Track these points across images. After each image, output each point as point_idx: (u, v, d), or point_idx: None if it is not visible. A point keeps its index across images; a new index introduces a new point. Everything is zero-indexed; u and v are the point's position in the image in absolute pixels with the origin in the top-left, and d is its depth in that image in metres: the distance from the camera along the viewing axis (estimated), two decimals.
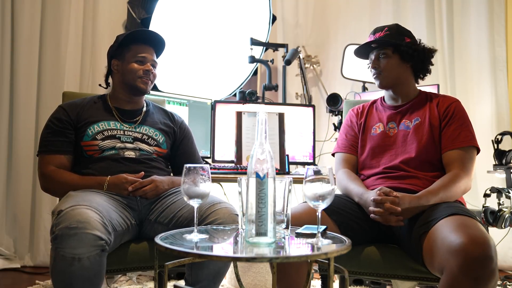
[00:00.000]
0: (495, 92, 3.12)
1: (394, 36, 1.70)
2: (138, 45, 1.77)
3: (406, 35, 1.72)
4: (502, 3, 3.19)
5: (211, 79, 3.20)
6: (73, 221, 1.29)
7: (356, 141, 1.81)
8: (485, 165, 2.76)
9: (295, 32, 3.50)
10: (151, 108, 1.87)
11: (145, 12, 2.99)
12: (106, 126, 1.72)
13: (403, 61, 1.70)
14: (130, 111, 1.80)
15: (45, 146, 1.70)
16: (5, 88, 2.90)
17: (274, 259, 0.99)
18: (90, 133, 1.69)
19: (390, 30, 1.71)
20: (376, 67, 1.72)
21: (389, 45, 1.69)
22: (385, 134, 1.72)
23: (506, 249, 2.94)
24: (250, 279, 2.36)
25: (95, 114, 1.74)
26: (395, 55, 1.69)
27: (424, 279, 1.47)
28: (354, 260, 1.50)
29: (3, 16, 2.89)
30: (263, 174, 1.05)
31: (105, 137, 1.70)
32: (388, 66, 1.70)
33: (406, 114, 1.72)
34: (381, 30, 1.72)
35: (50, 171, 1.66)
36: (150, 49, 1.79)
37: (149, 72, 1.76)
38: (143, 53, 1.76)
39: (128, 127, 1.76)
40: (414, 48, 1.69)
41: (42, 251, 2.86)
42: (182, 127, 1.90)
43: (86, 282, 1.31)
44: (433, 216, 1.41)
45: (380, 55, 1.71)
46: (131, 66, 1.75)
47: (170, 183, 1.72)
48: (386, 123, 1.74)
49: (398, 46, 1.68)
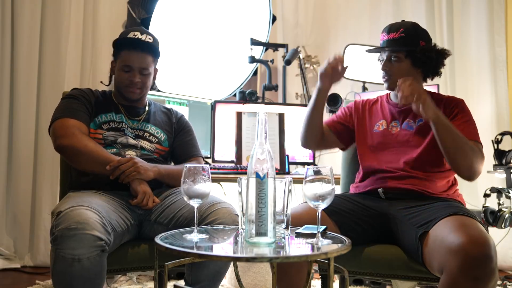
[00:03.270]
0: (495, 92, 3.12)
1: (409, 40, 1.64)
2: (127, 51, 1.71)
3: (421, 38, 1.66)
4: (502, 3, 3.19)
5: (211, 79, 3.20)
6: (73, 222, 1.29)
7: (342, 127, 1.81)
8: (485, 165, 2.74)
9: (295, 32, 3.50)
10: (153, 107, 1.87)
11: (145, 12, 2.99)
12: (113, 117, 1.73)
13: (415, 66, 1.67)
14: (134, 108, 1.80)
15: (68, 111, 1.64)
16: (5, 88, 2.90)
17: (274, 259, 0.99)
18: (98, 122, 1.70)
19: (406, 32, 1.65)
20: (387, 70, 1.69)
21: (402, 50, 1.66)
22: (388, 132, 1.71)
23: (506, 249, 2.94)
24: (250, 279, 2.36)
25: (105, 106, 1.74)
26: (407, 59, 1.66)
27: (424, 279, 1.47)
28: (354, 260, 1.50)
29: (3, 16, 2.89)
30: (263, 174, 1.05)
31: (110, 128, 1.70)
32: (399, 71, 1.66)
33: (410, 113, 1.70)
34: (396, 31, 1.66)
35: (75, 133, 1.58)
36: (140, 54, 1.70)
37: (134, 82, 1.70)
38: (129, 61, 1.70)
39: (131, 124, 1.76)
40: (428, 55, 1.65)
41: (42, 251, 2.86)
42: (180, 121, 1.89)
43: (87, 282, 1.31)
44: (433, 216, 1.41)
45: (392, 57, 1.67)
46: (119, 73, 1.73)
47: (157, 171, 1.65)
48: (390, 121, 1.73)
49: (410, 52, 1.65)
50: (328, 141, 1.83)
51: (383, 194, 1.62)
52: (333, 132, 1.82)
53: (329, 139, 1.82)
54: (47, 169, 2.90)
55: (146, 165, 1.63)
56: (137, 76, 1.71)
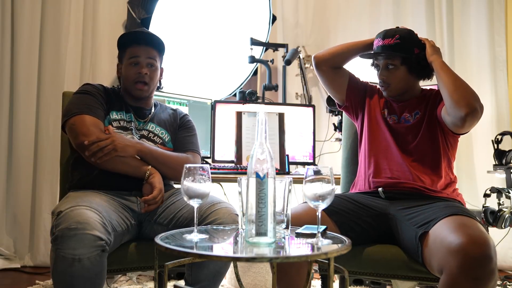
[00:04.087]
0: (495, 92, 3.12)
1: (404, 47, 1.66)
2: (133, 46, 1.72)
3: (416, 45, 1.68)
4: (502, 3, 3.19)
5: (211, 79, 3.20)
6: (73, 221, 1.29)
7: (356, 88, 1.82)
8: (485, 165, 2.76)
9: (295, 32, 3.49)
10: (159, 108, 1.87)
11: (145, 12, 2.99)
12: (123, 116, 1.72)
13: (410, 73, 1.69)
14: (141, 109, 1.79)
15: (89, 109, 1.61)
16: (5, 88, 2.90)
17: (274, 259, 0.99)
18: (109, 118, 1.69)
19: (401, 38, 1.66)
20: (384, 79, 1.71)
21: (397, 56, 1.67)
22: (386, 124, 1.72)
23: (506, 249, 2.94)
24: (250, 279, 2.36)
25: (116, 103, 1.74)
26: (403, 66, 1.67)
27: (424, 279, 1.47)
28: (354, 260, 1.50)
29: (3, 16, 2.89)
30: (263, 174, 1.05)
31: (120, 126, 1.69)
32: (396, 79, 1.69)
33: (407, 108, 1.72)
34: (392, 37, 1.67)
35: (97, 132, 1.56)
36: (146, 48, 1.72)
37: (142, 74, 1.70)
38: (137, 53, 1.71)
39: (138, 125, 1.76)
40: (423, 64, 1.67)
41: (42, 251, 2.86)
42: (183, 119, 1.88)
43: (87, 282, 1.31)
44: (432, 216, 1.41)
45: (388, 65, 1.69)
46: (127, 69, 1.73)
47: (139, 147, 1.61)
48: (388, 114, 1.75)
49: (406, 59, 1.66)
50: (337, 79, 1.81)
51: (383, 194, 1.63)
52: (349, 79, 1.82)
53: (339, 78, 1.81)
54: (47, 169, 2.90)
55: (126, 141, 1.59)
56: (145, 69, 1.71)
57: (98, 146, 1.52)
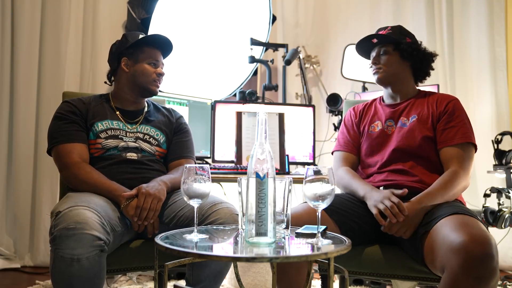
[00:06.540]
0: (495, 92, 3.12)
1: (396, 35, 1.73)
2: (152, 48, 1.78)
3: (408, 36, 1.74)
4: (502, 3, 3.19)
5: (211, 79, 3.20)
6: (71, 222, 1.29)
7: (356, 139, 1.81)
8: (485, 165, 2.76)
9: (295, 32, 3.50)
10: (152, 108, 1.87)
11: (145, 12, 2.99)
12: (110, 125, 1.72)
13: (403, 59, 1.72)
14: (132, 111, 1.80)
15: (63, 135, 1.64)
16: (5, 88, 2.90)
17: (274, 259, 0.99)
18: (95, 131, 1.69)
19: (392, 29, 1.75)
20: (376, 63, 1.74)
21: (390, 42, 1.72)
22: (384, 132, 1.73)
23: (506, 249, 2.94)
24: (250, 279, 2.36)
25: (100, 113, 1.74)
26: (395, 52, 1.72)
27: (424, 279, 1.47)
28: (354, 260, 1.50)
29: (3, 16, 2.89)
30: (263, 174, 1.05)
31: (108, 136, 1.69)
32: (388, 62, 1.72)
33: (404, 111, 1.73)
34: (384, 29, 1.76)
35: (77, 162, 1.59)
36: (160, 53, 1.81)
37: (162, 75, 1.78)
38: (157, 57, 1.78)
39: (130, 127, 1.75)
40: (414, 47, 1.71)
41: (42, 251, 2.86)
42: (179, 122, 1.89)
43: (86, 282, 1.31)
44: (433, 215, 1.41)
45: (381, 52, 1.74)
46: (145, 68, 1.75)
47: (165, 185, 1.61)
48: (385, 121, 1.75)
49: (398, 44, 1.70)
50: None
51: None
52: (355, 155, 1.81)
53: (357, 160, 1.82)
54: (47, 169, 2.90)
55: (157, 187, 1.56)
56: (163, 69, 1.80)
57: (145, 210, 1.50)
